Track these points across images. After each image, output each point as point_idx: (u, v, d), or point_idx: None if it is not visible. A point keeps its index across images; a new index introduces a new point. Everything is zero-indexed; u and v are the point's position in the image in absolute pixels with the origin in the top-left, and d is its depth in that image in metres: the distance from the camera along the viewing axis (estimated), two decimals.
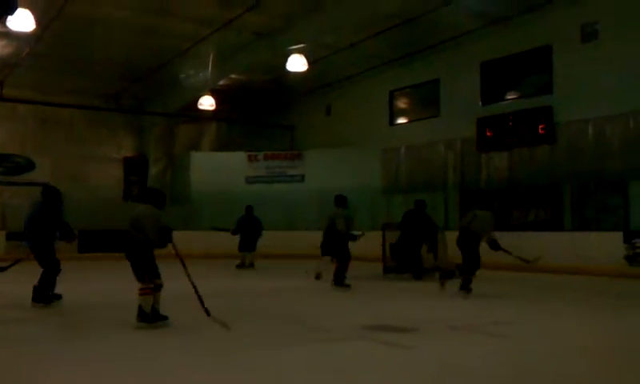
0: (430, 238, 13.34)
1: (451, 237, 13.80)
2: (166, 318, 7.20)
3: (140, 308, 7.03)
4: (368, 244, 13.52)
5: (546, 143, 15.91)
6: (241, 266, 16.07)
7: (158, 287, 7.22)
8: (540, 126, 15.97)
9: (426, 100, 19.68)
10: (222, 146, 24.69)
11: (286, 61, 16.29)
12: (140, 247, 7.19)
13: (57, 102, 21.53)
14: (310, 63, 16.43)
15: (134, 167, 24.00)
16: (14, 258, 9.04)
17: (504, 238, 15.05)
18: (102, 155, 23.49)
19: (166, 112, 23.23)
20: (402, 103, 20.88)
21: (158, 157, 24.13)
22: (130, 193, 23.75)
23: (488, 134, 17.20)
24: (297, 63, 16.22)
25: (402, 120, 20.75)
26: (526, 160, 16.40)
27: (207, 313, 6.91)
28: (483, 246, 10.25)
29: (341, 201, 11.87)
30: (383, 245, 14.05)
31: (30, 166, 22.12)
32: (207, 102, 19.54)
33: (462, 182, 17.97)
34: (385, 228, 14.40)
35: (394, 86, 20.53)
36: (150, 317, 7.04)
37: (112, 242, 19.55)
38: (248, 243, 16.20)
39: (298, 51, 16.11)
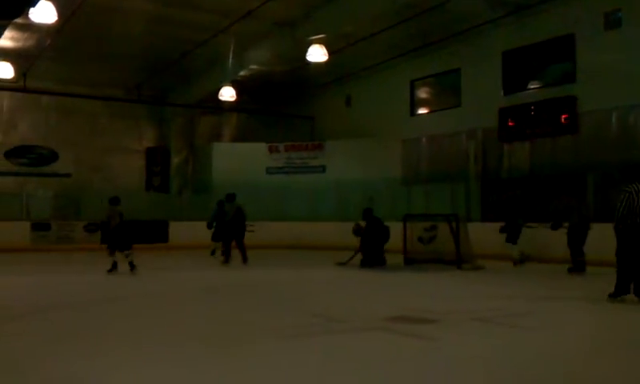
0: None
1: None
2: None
3: None
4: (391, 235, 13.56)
5: (568, 133, 15.74)
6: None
7: None
8: (563, 116, 15.80)
9: (447, 90, 19.58)
10: (242, 136, 24.75)
11: (306, 51, 16.25)
12: None
13: (79, 94, 21.72)
14: (330, 53, 16.37)
15: (156, 158, 24.16)
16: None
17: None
18: (124, 146, 23.67)
19: (187, 103, 23.34)
20: (422, 93, 20.76)
21: (180, 147, 24.24)
22: (152, 183, 23.93)
23: (510, 123, 17.05)
24: (317, 54, 16.16)
25: (422, 110, 20.65)
26: (549, 150, 16.23)
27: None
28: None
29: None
30: (404, 236, 14.00)
31: (53, 157, 22.38)
32: (228, 93, 19.59)
33: (484, 173, 17.84)
34: (406, 219, 14.34)
35: (414, 76, 20.41)
36: None
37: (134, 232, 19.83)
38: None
39: (318, 42, 16.04)
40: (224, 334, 6.36)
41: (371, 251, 13.52)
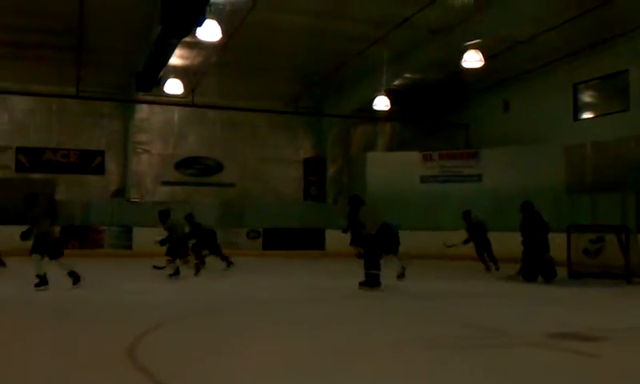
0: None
1: None
2: None
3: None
4: (553, 247, 12.83)
5: None
6: None
7: None
8: None
9: (614, 93, 18.41)
10: (396, 145, 24.82)
11: (461, 57, 15.95)
12: None
13: (242, 107, 22.87)
14: (486, 58, 15.95)
15: (313, 168, 24.81)
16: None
17: None
18: (283, 157, 24.57)
19: (342, 114, 23.77)
20: (587, 97, 19.65)
21: (335, 157, 24.72)
22: (310, 193, 24.59)
23: None
24: (472, 59, 15.80)
25: (587, 115, 19.54)
26: None
27: None
28: None
29: None
30: (568, 247, 13.31)
31: (218, 168, 23.75)
32: (382, 103, 19.70)
33: None
34: (570, 230, 13.61)
35: (578, 79, 19.37)
36: None
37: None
38: None
39: (474, 47, 15.69)
40: (370, 342, 6.38)
41: (533, 259, 12.55)
